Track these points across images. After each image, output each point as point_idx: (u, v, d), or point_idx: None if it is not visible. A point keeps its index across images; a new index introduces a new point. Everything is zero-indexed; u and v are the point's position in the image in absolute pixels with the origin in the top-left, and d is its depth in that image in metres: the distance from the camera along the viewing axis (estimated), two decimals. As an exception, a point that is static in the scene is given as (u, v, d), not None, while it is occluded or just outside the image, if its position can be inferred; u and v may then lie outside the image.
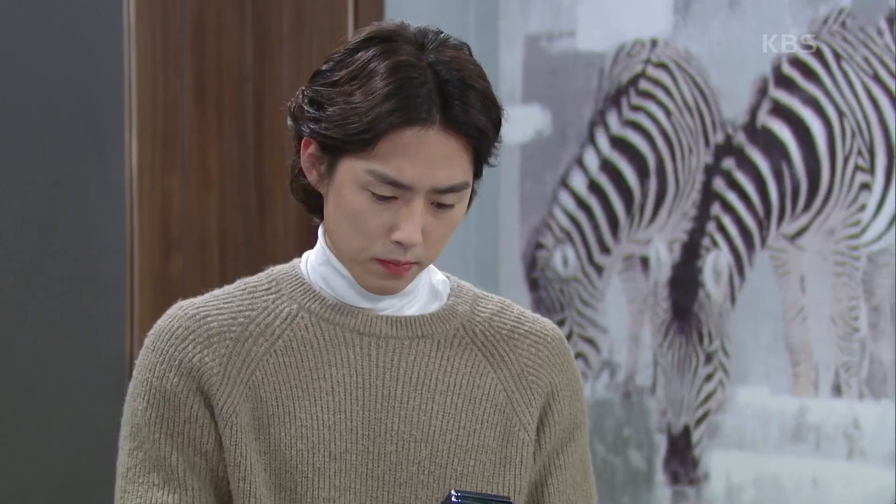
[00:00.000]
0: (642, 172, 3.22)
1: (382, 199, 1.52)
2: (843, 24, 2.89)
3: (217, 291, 1.62)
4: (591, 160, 3.30)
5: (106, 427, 3.32)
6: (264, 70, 3.36)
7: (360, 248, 1.54)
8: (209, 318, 1.58)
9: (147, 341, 1.61)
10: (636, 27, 3.21)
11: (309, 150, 1.57)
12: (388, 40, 1.55)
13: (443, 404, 1.58)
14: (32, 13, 3.20)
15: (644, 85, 3.21)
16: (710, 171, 3.10)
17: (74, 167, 3.23)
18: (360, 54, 1.55)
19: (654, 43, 3.19)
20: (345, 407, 1.56)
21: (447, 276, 1.65)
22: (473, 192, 1.58)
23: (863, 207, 2.88)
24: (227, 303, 1.59)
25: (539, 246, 3.39)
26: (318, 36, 3.42)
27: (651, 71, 3.20)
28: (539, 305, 3.39)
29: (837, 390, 2.90)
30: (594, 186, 3.30)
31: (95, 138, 3.24)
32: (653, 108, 3.21)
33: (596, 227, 3.30)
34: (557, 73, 3.36)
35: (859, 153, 2.89)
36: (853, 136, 2.89)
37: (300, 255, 1.64)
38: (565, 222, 3.35)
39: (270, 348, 1.58)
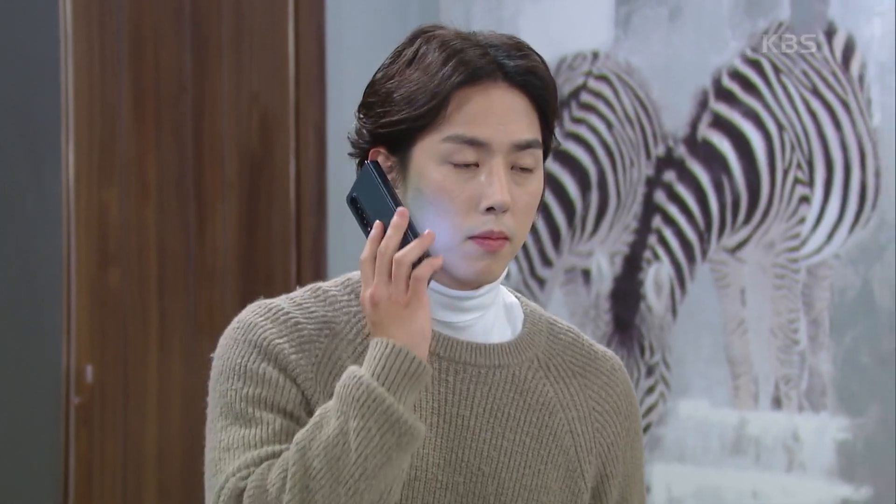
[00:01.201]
0: (584, 185, 3.22)
1: (465, 168, 1.53)
2: (782, 38, 2.90)
3: (294, 295, 1.59)
4: (533, 172, 3.30)
5: (43, 438, 3.29)
6: (203, 81, 3.33)
7: (454, 228, 1.53)
8: (300, 325, 1.55)
9: (234, 333, 1.55)
10: (577, 40, 3.22)
11: (361, 170, 1.57)
12: (429, 31, 1.59)
13: (512, 440, 1.56)
14: (-32, 23, 3.16)
15: (585, 97, 3.22)
16: (652, 183, 3.11)
17: (11, 179, 3.20)
18: (407, 50, 1.58)
19: (595, 55, 3.19)
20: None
21: (517, 297, 1.64)
22: (545, 178, 1.59)
23: (802, 220, 2.89)
24: (311, 312, 1.57)
25: (481, 258, 3.39)
26: (258, 48, 3.40)
27: (592, 83, 3.20)
28: (481, 318, 3.38)
29: (777, 403, 2.91)
30: (536, 199, 3.31)
31: (32, 150, 3.21)
32: (594, 120, 3.21)
33: (538, 240, 3.30)
34: (499, 85, 3.36)
35: (798, 166, 2.90)
36: (792, 149, 2.91)
37: (239, 268, 1.62)
38: (507, 234, 3.35)
39: (354, 364, 1.55)
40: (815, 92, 2.87)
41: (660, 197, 3.09)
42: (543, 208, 3.33)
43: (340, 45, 3.42)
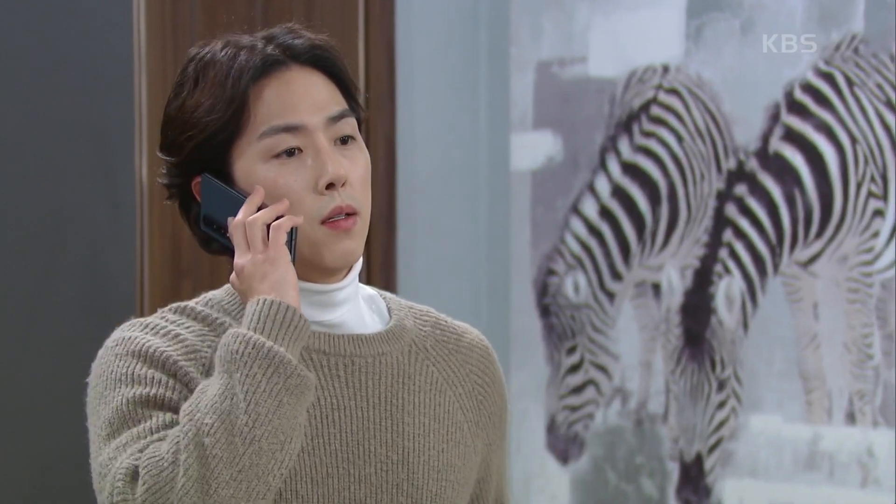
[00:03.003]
0: (654, 198, 3.21)
1: (289, 157, 1.53)
2: (856, 50, 2.88)
3: (162, 313, 1.57)
4: (603, 186, 3.29)
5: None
6: (275, 95, 3.35)
7: (303, 217, 1.53)
8: (181, 336, 1.53)
9: (113, 350, 1.52)
10: (648, 53, 3.21)
11: (201, 187, 1.57)
12: (198, 51, 1.59)
13: (412, 424, 1.57)
14: (43, 35, 3.20)
15: (656, 111, 3.21)
16: (723, 197, 3.09)
17: (84, 191, 3.23)
18: (186, 74, 1.58)
19: (665, 69, 3.18)
20: (322, 431, 1.53)
21: (373, 290, 1.65)
22: (618, 191, 1.61)
23: (876, 234, 2.87)
24: (188, 326, 1.55)
25: (550, 272, 3.38)
26: (329, 61, 3.41)
27: (663, 97, 3.19)
28: (550, 332, 3.37)
29: (851, 418, 2.88)
30: (605, 213, 3.30)
31: (105, 162, 3.24)
32: (664, 134, 3.20)
33: (607, 254, 3.29)
34: (569, 99, 3.35)
35: (872, 179, 2.88)
36: (866, 162, 2.88)
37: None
38: (577, 249, 3.34)
39: None
40: (889, 105, 2.84)
41: (731, 210, 3.07)
42: (614, 222, 3.33)
43: (411, 61, 3.43)
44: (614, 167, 3.28)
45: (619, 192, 3.27)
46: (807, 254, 2.96)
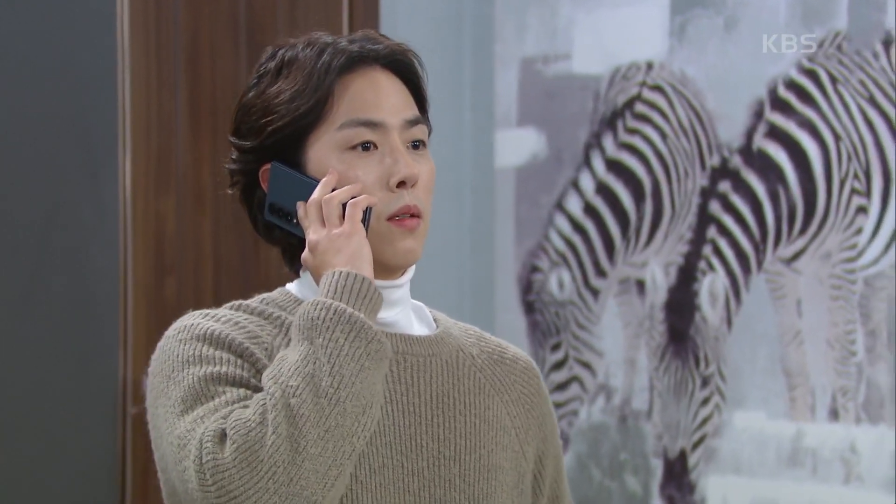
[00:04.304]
0: (638, 195, 3.22)
1: (365, 151, 1.56)
2: (840, 48, 2.88)
3: (224, 307, 1.60)
4: (587, 183, 3.30)
5: (99, 449, 3.31)
6: (259, 92, 3.34)
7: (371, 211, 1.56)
8: (241, 324, 1.56)
9: (176, 337, 1.54)
10: (632, 50, 3.21)
11: (269, 174, 1.59)
12: (282, 43, 1.63)
13: (463, 423, 1.59)
14: (27, 35, 3.19)
15: (639, 108, 3.21)
16: (706, 194, 3.10)
17: (68, 189, 3.22)
18: (268, 64, 1.61)
19: (649, 66, 3.19)
20: (377, 421, 1.55)
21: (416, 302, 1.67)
22: (603, 188, 1.63)
23: (859, 231, 2.87)
24: (246, 318, 1.57)
25: (534, 269, 3.39)
26: (313, 58, 3.40)
27: (647, 94, 3.19)
28: (535, 329, 3.38)
29: (834, 414, 2.88)
30: (590, 209, 3.30)
31: (89, 160, 3.23)
32: (648, 130, 3.20)
33: (591, 250, 3.29)
34: (553, 95, 3.36)
35: (855, 176, 2.88)
36: (849, 159, 2.89)
37: (294, 278, 1.64)
38: (561, 245, 3.34)
39: None
40: (873, 102, 2.85)
41: (715, 207, 3.08)
42: (598, 219, 3.33)
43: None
44: (598, 164, 3.28)
45: (603, 189, 3.27)
46: (790, 251, 2.97)
